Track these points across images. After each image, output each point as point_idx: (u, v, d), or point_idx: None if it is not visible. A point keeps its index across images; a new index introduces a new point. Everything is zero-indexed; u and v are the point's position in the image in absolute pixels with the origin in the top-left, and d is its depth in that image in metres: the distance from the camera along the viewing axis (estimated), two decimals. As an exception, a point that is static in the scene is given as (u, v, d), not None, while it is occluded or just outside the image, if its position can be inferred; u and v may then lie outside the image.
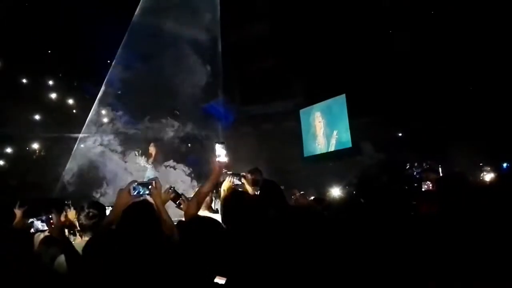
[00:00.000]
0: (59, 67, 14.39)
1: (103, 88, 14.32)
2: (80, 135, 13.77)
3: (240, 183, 3.50)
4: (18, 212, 4.06)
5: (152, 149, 12.22)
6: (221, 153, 3.11)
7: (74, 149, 13.66)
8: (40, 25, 12.90)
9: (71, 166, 13.06)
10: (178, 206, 3.67)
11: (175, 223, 3.02)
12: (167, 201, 3.52)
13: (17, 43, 12.63)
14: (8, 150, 13.44)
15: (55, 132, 13.88)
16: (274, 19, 15.64)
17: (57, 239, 3.14)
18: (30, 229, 3.18)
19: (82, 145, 13.73)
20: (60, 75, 14.75)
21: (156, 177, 3.13)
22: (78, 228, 3.79)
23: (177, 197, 3.63)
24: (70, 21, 13.06)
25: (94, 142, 13.44)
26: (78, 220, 3.52)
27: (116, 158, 12.91)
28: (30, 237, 3.03)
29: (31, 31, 12.77)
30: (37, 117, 13.96)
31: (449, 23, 12.37)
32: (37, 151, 14.24)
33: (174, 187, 3.70)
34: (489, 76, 11.96)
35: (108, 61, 14.52)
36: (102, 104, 14.27)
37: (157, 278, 2.24)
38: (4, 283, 2.23)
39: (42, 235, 3.30)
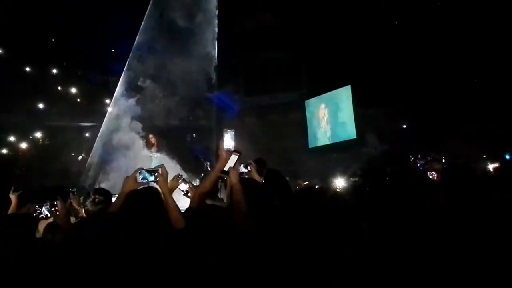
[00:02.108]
0: (64, 56, 14.43)
1: (109, 78, 14.38)
2: (83, 124, 13.85)
3: (246, 170, 3.46)
4: (13, 197, 4.08)
5: (152, 139, 12.23)
6: (229, 141, 3.04)
7: (82, 139, 13.74)
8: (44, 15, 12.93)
9: (78, 156, 13.12)
10: (186, 194, 3.66)
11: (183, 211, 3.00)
12: (175, 188, 3.50)
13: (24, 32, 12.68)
14: (12, 138, 13.51)
15: (61, 121, 13.97)
16: (279, 9, 15.55)
17: (62, 226, 3.15)
18: (35, 215, 3.20)
19: (89, 135, 13.78)
20: (64, 63, 14.78)
21: (162, 165, 3.11)
22: (83, 215, 3.81)
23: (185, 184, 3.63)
24: (73, 10, 13.06)
25: (101, 132, 13.48)
26: (84, 206, 3.53)
27: (123, 148, 12.94)
28: (33, 223, 3.03)
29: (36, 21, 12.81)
30: (41, 105, 14.02)
31: (454, 15, 12.30)
32: (41, 140, 14.31)
33: (181, 175, 3.69)
34: (493, 68, 11.92)
35: (113, 50, 14.53)
36: (109, 94, 14.31)
37: (159, 264, 2.25)
38: (7, 269, 2.24)
39: (46, 222, 3.32)
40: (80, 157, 13.28)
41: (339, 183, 9.49)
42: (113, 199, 3.48)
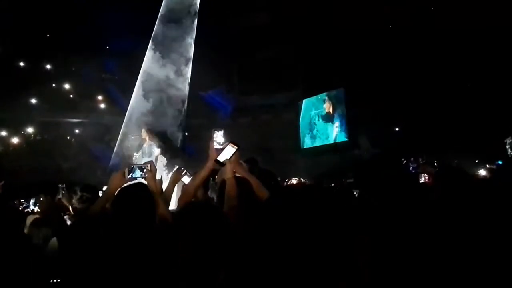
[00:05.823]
0: (58, 52, 14.33)
1: (102, 75, 14.36)
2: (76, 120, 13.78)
3: None
4: None
5: (144, 135, 12.20)
6: (219, 140, 3.00)
7: (73, 135, 13.66)
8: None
9: (69, 151, 13.06)
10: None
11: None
12: (178, 181, 3.44)
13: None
14: (3, 133, 13.41)
15: (53, 117, 13.90)
16: (274, 9, 15.54)
17: (48, 221, 3.09)
18: (22, 210, 3.15)
19: (81, 132, 13.70)
20: (58, 59, 14.70)
21: (151, 161, 3.06)
22: (71, 212, 3.74)
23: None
24: (67, 5, 13.02)
25: (92, 128, 13.41)
26: (71, 204, 3.46)
27: (115, 145, 12.89)
28: (20, 217, 2.98)
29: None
30: (33, 101, 13.93)
31: (448, 19, 12.34)
32: (33, 135, 14.21)
33: (183, 168, 3.65)
34: (486, 72, 11.99)
35: (107, 47, 14.49)
36: (100, 90, 14.28)
37: (148, 261, 2.20)
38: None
39: (34, 217, 3.26)
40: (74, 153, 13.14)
41: (331, 184, 9.48)
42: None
